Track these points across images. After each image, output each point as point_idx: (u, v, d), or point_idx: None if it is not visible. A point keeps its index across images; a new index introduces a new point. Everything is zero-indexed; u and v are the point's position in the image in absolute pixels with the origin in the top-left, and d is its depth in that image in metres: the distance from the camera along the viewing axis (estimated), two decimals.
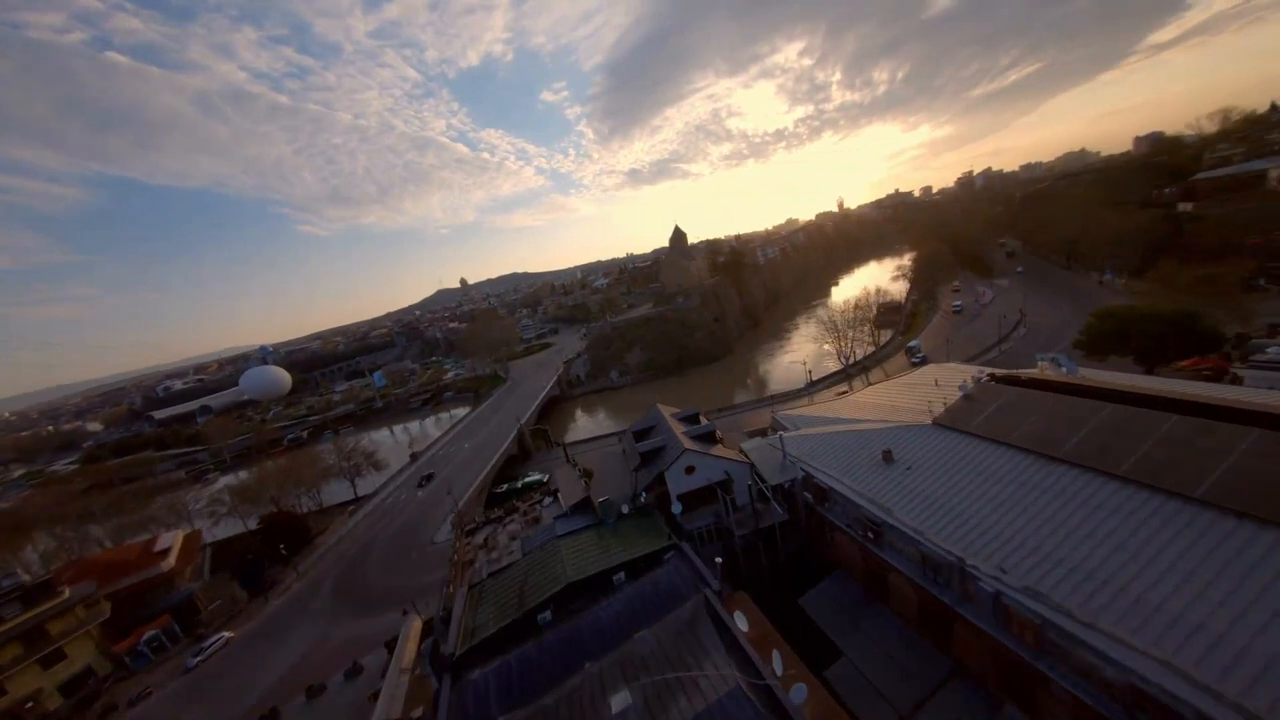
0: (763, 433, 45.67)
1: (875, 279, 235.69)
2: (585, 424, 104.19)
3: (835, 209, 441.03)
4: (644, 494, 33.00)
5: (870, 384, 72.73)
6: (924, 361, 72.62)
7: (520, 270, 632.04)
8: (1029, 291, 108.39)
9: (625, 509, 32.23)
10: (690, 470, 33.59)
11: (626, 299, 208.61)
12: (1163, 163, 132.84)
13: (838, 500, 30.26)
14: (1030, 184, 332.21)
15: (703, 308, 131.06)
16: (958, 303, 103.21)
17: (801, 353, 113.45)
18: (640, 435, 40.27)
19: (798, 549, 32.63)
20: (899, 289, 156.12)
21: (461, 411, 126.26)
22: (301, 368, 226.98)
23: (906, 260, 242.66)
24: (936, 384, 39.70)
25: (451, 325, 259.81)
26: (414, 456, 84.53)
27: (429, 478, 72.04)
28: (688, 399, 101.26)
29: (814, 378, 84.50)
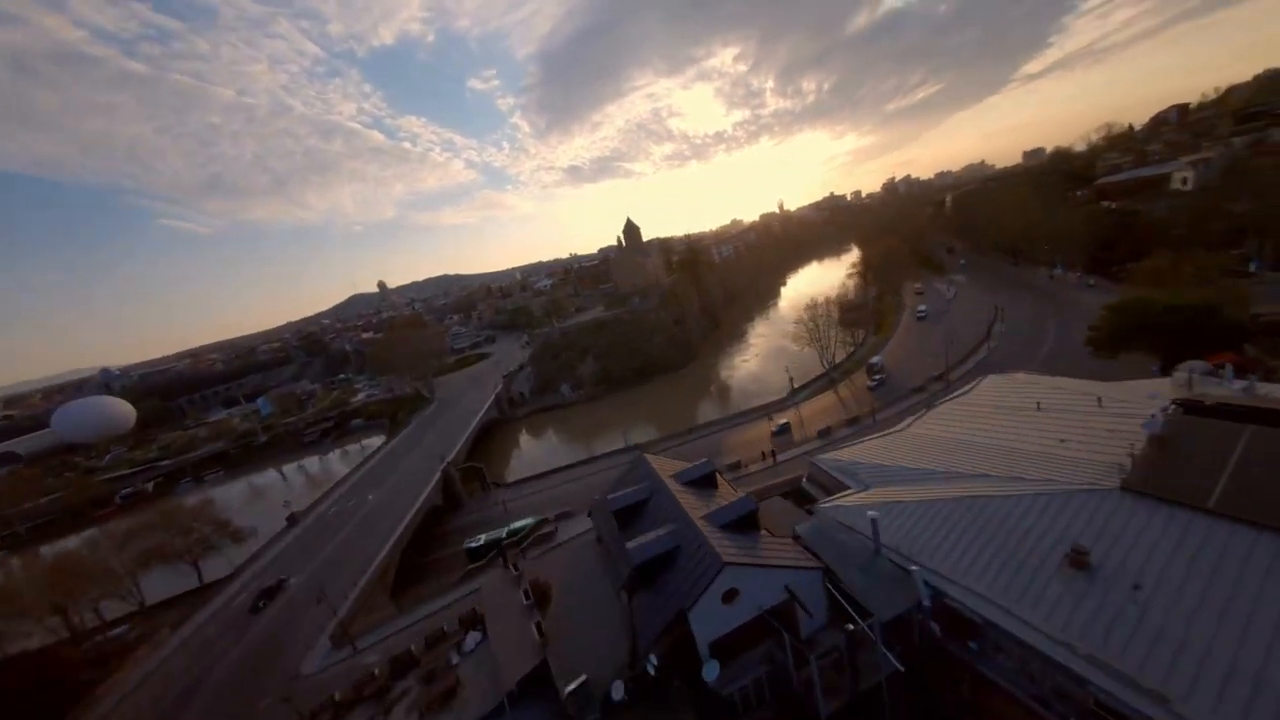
0: (802, 493, 31.90)
1: (825, 277, 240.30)
2: (533, 452, 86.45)
3: (777, 210, 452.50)
4: (649, 660, 17.84)
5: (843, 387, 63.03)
6: (881, 385, 63.97)
7: (451, 272, 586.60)
8: (984, 288, 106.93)
9: (618, 694, 16.93)
10: (731, 596, 18.98)
11: (575, 301, 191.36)
12: (1064, 170, 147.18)
13: (1004, 645, 17.15)
14: (945, 190, 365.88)
15: (662, 309, 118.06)
16: (922, 307, 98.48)
17: (769, 354, 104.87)
18: (626, 515, 24.97)
19: None
20: (853, 285, 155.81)
21: (376, 441, 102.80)
22: (162, 394, 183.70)
23: (854, 258, 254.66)
24: (1038, 407, 28.63)
25: (365, 336, 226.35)
26: (292, 520, 62.32)
27: (271, 592, 45.81)
28: (655, 415, 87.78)
29: (795, 384, 73.89)
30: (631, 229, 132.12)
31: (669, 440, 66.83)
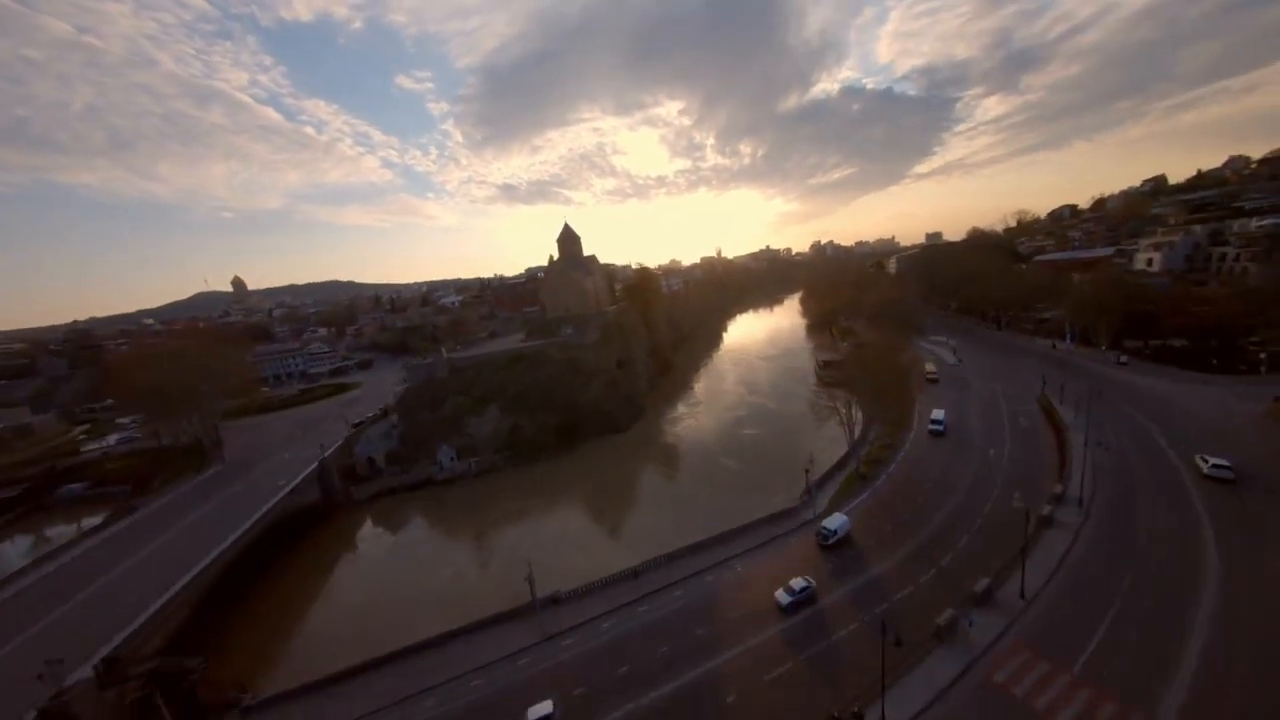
0: None
1: (774, 323, 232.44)
2: (364, 589, 49.09)
3: (715, 255, 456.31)
4: None
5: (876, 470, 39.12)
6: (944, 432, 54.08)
7: (348, 278, 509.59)
8: (983, 354, 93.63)
9: None
10: None
11: (488, 325, 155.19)
12: (999, 244, 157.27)
13: None
14: (866, 257, 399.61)
15: (604, 345, 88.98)
16: (931, 369, 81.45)
17: (740, 411, 79.76)
18: None
19: None
20: (817, 339, 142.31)
21: (96, 521, 57.86)
22: None
23: (795, 306, 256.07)
24: None
25: (118, 347, 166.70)
26: None
27: None
28: (588, 515, 55.95)
29: (814, 476, 48.02)
30: (569, 238, 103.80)
31: (614, 586, 36.32)
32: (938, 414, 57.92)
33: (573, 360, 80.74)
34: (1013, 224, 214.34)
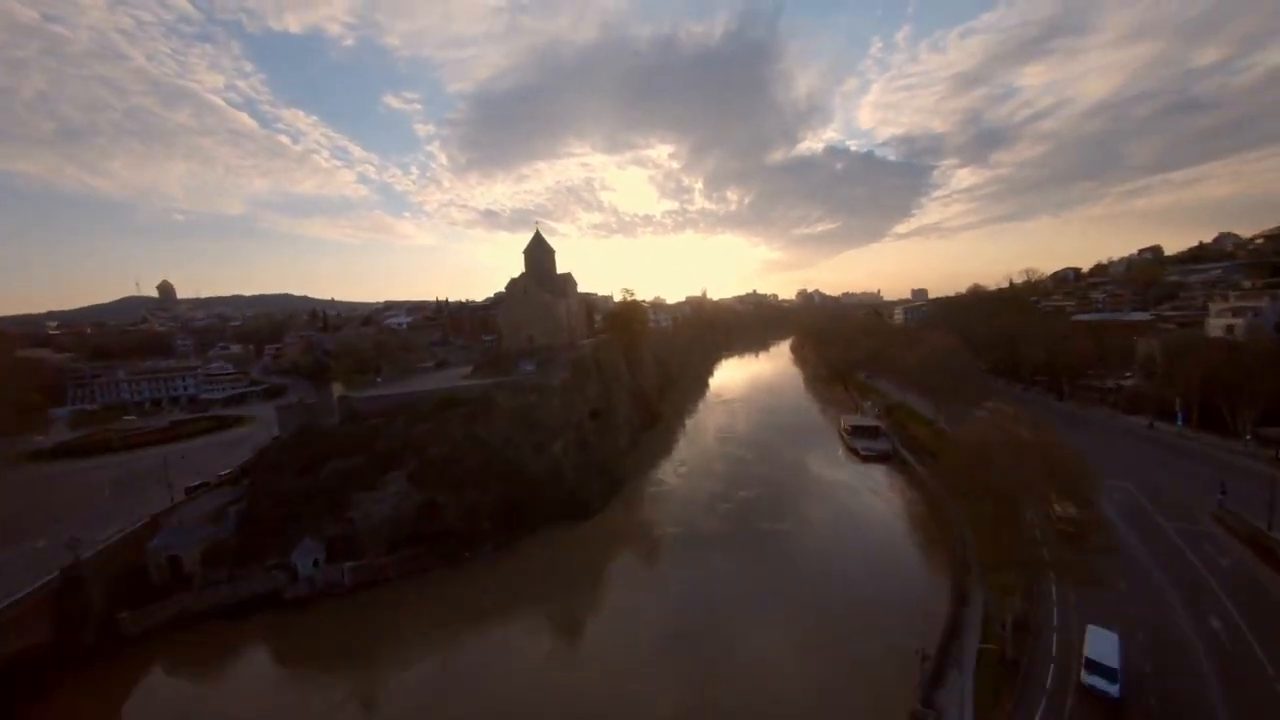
0: None
1: (767, 369, 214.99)
2: None
3: (700, 296, 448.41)
4: None
5: None
6: None
7: (301, 293, 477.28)
8: (1069, 437, 75.89)
9: None
10: None
11: (436, 351, 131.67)
12: (1008, 300, 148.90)
13: None
14: (853, 307, 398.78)
15: (575, 388, 67.66)
16: None
17: (759, 488, 56.23)
18: None
19: None
20: (827, 394, 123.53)
21: None
22: None
23: (784, 351, 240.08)
24: None
25: (28, 354, 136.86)
26: None
27: None
28: (539, 667, 32.59)
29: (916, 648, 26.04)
30: (540, 250, 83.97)
31: None
32: (1101, 644, 27.14)
33: (528, 409, 58.64)
34: (1013, 282, 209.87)
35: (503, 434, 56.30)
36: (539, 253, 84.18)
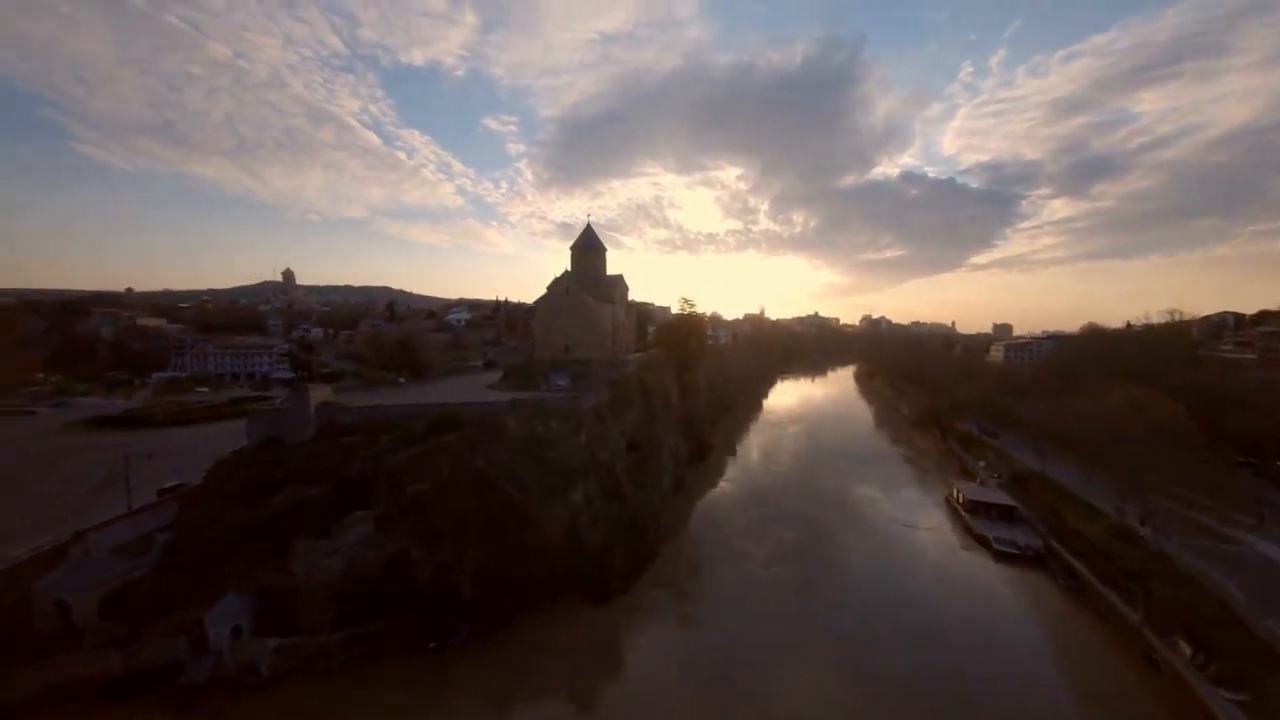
0: None
1: (830, 396, 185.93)
2: None
3: (758, 314, 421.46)
4: None
5: None
6: None
7: (400, 287, 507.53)
8: None
9: None
10: None
11: (488, 351, 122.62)
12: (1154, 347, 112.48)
13: None
14: (925, 337, 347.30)
15: (611, 413, 51.53)
16: None
17: (822, 562, 36.99)
18: None
19: None
20: (917, 444, 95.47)
21: None
22: None
23: (855, 383, 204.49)
24: None
25: (146, 324, 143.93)
26: None
27: None
28: None
29: None
30: (590, 246, 69.30)
31: None
32: None
33: (545, 440, 43.10)
34: (1151, 324, 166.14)
35: (508, 469, 41.08)
36: (588, 249, 69.39)
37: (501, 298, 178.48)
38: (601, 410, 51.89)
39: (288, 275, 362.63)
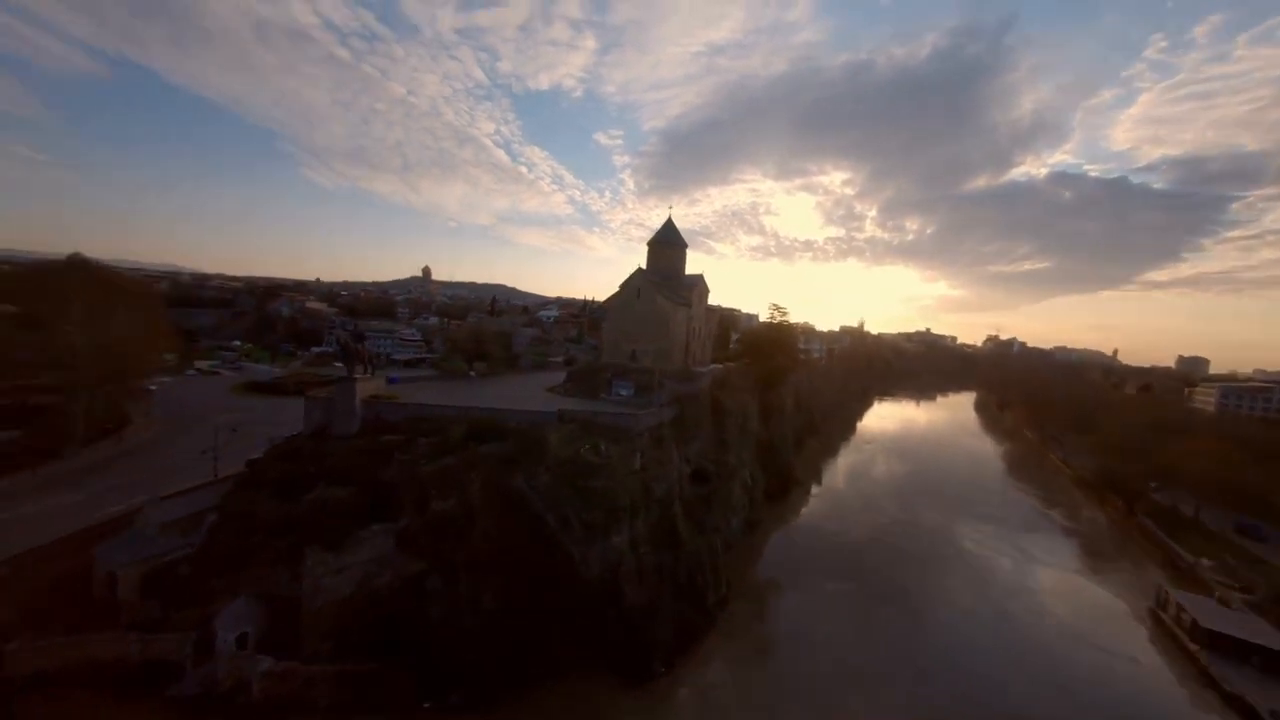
0: None
1: (946, 425, 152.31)
2: None
3: (857, 326, 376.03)
4: None
5: None
6: None
7: (510, 284, 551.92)
8: None
9: None
10: None
11: (569, 349, 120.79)
12: None
13: None
14: (1075, 366, 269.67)
15: (674, 434, 41.92)
16: None
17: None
18: None
19: None
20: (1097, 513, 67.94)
21: None
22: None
23: (977, 415, 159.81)
24: None
25: (311, 306, 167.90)
26: None
27: None
28: None
29: None
30: (670, 241, 60.08)
31: None
32: None
33: (589, 466, 35.03)
34: None
35: (548, 496, 33.77)
36: (666, 245, 60.25)
37: (591, 298, 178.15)
38: (663, 431, 42.54)
39: (426, 271, 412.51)
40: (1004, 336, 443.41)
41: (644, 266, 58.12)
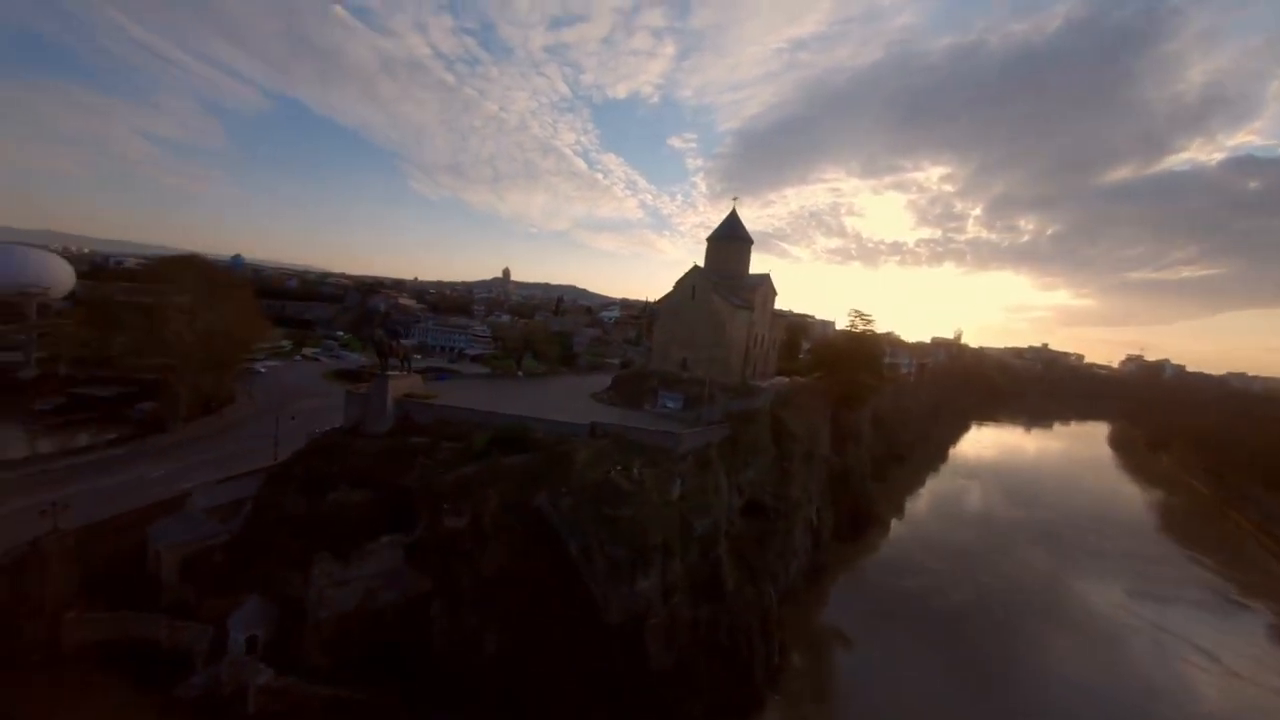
0: None
1: (1054, 458, 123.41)
2: None
3: (953, 339, 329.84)
4: None
5: None
6: None
7: (580, 285, 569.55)
8: None
9: None
10: None
11: (627, 350, 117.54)
12: None
13: None
14: (1265, 400, 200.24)
15: (723, 458, 34.98)
16: None
17: None
18: None
19: None
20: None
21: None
22: None
23: (1116, 455, 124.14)
24: None
25: (404, 302, 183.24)
26: None
27: None
28: None
29: None
30: (732, 236, 52.38)
31: None
32: None
33: (618, 493, 29.59)
34: None
35: (570, 519, 29.02)
36: (728, 240, 52.96)
37: (650, 299, 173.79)
38: (711, 454, 35.87)
39: (505, 273, 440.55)
40: (1150, 357, 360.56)
41: (701, 265, 51.50)
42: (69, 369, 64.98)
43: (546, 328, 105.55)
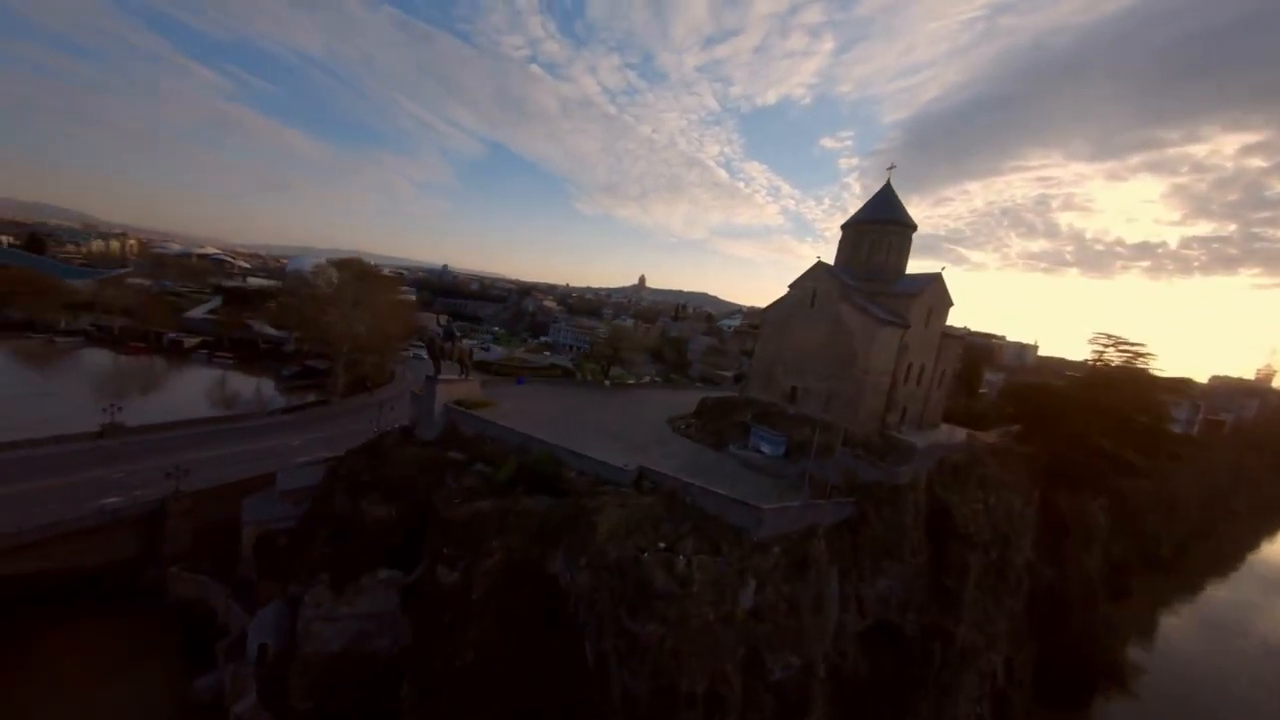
0: None
1: None
2: None
3: (1262, 378, 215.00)
4: None
5: None
6: None
7: (713, 293, 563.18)
8: None
9: None
10: None
11: (743, 362, 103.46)
12: None
13: None
14: None
15: (843, 558, 21.32)
16: None
17: None
18: None
19: None
20: None
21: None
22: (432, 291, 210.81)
23: None
24: None
25: (546, 304, 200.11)
26: None
27: None
28: None
29: None
30: (880, 217, 35.34)
31: None
32: None
33: (646, 586, 19.14)
34: None
35: (589, 600, 20.05)
36: (873, 227, 36.24)
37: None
38: (814, 550, 22.40)
39: (641, 280, 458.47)
40: None
41: (826, 261, 36.61)
42: (297, 346, 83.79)
43: (640, 337, 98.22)
